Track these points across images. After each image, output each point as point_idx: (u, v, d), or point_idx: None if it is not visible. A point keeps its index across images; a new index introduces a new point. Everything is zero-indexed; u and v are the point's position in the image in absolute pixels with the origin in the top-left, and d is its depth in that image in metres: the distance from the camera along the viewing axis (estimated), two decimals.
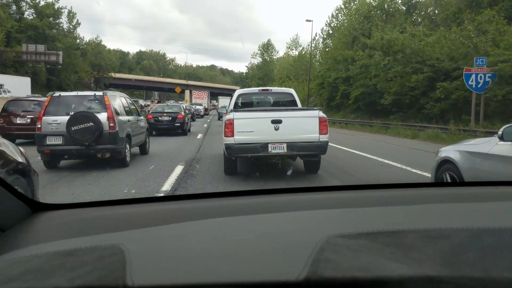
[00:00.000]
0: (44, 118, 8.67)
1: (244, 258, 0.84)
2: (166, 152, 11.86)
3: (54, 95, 9.14)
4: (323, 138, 7.33)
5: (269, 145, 7.22)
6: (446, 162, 4.88)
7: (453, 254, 0.81)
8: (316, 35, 72.70)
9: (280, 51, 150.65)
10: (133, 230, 1.07)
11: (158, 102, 59.60)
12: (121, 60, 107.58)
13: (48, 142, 8.55)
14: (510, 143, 3.97)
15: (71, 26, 65.91)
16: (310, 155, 7.64)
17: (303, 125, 7.45)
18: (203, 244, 0.94)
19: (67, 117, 8.47)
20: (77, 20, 66.26)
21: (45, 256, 0.91)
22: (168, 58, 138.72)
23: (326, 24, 50.50)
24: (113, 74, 78.64)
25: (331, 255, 0.80)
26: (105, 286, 0.70)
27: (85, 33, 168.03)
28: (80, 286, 0.70)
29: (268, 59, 77.65)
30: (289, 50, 68.72)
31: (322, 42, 51.98)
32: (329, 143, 7.58)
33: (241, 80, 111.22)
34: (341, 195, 1.53)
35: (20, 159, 3.65)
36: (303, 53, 62.31)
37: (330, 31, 49.52)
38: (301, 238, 0.93)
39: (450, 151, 4.91)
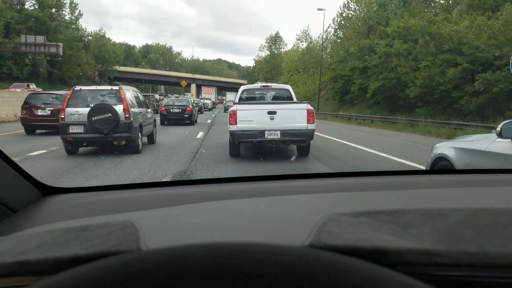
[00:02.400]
0: (67, 109, 9.29)
1: (249, 229, 0.88)
2: (151, 159, 8.85)
3: (75, 89, 9.78)
4: (310, 126, 8.50)
5: (266, 132, 8.42)
6: (441, 159, 4.59)
7: (450, 231, 0.83)
8: (328, 26, 69.14)
9: (289, 44, 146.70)
10: (142, 211, 1.08)
11: (160, 95, 58.57)
12: (126, 54, 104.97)
13: (70, 131, 9.19)
14: (510, 140, 3.55)
15: (73, 17, 63.12)
16: (300, 140, 8.83)
17: (293, 115, 8.58)
18: (211, 220, 0.98)
19: (87, 109, 9.11)
20: (79, 11, 63.47)
21: (58, 231, 0.93)
22: (174, 52, 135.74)
23: (337, 15, 47.11)
24: (118, 68, 75.94)
25: (333, 229, 0.82)
26: (120, 251, 0.70)
27: (91, 26, 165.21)
28: (97, 252, 0.71)
29: (276, 52, 74.29)
30: (299, 42, 65.35)
31: (334, 34, 48.60)
32: (371, 151, 8.15)
33: (248, 74, 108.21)
34: (343, 181, 1.56)
35: None
36: (311, 45, 58.98)
37: (342, 22, 46.25)
38: (304, 215, 0.97)
39: (445, 148, 4.66)
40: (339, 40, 46.41)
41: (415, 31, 25.84)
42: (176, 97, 30.13)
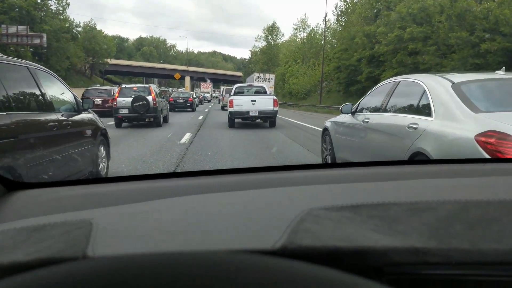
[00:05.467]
0: (118, 99, 14.27)
1: (217, 230, 0.78)
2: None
3: (122, 86, 15.33)
4: (275, 108, 14.14)
5: (250, 112, 13.89)
6: (325, 130, 6.41)
7: (440, 226, 0.77)
8: (326, 15, 65.31)
9: (286, 34, 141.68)
10: (107, 207, 1.02)
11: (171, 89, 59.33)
12: (120, 47, 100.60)
13: (120, 112, 14.14)
14: (349, 115, 5.46)
15: (59, 7, 58.59)
16: (269, 116, 14.34)
17: (265, 102, 14.10)
18: (174, 217, 0.89)
19: (130, 98, 13.98)
20: (67, 0, 58.92)
21: (10, 232, 0.86)
22: (168, 44, 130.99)
23: None
24: (109, 61, 71.70)
25: (312, 226, 0.75)
26: (64, 258, 0.66)
27: (84, 18, 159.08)
28: (37, 259, 0.67)
29: (273, 43, 70.22)
30: (296, 31, 61.23)
31: (336, 20, 44.65)
32: None
33: (243, 66, 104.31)
34: (326, 172, 1.47)
35: (103, 126, 5.62)
36: (312, 33, 55.04)
37: (344, 8, 42.37)
38: (282, 210, 0.88)
39: (328, 122, 6.41)
40: (339, 28, 42.62)
41: (434, 12, 22.16)
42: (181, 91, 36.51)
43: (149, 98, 13.88)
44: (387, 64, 25.44)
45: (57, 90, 4.72)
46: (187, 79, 79.81)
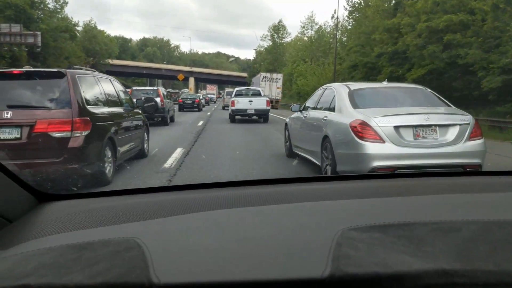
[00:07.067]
0: None
1: (267, 254, 0.82)
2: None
3: (133, 89, 17.89)
4: (267, 107, 18.26)
5: (247, 110, 17.83)
6: (286, 125, 8.32)
7: (465, 247, 0.79)
8: (335, 12, 61.49)
9: (292, 34, 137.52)
10: (145, 221, 1.02)
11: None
12: (123, 47, 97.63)
13: None
14: (298, 112, 7.49)
15: (57, 6, 55.44)
16: (263, 114, 18.37)
17: (260, 102, 18.14)
18: (218, 237, 0.91)
19: (140, 100, 14.49)
20: None
21: (58, 249, 0.84)
22: (172, 45, 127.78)
23: None
24: (110, 61, 68.48)
25: (349, 251, 0.79)
26: (130, 284, 0.67)
27: (86, 18, 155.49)
28: (103, 283, 0.67)
29: (278, 42, 66.62)
30: (304, 29, 57.65)
31: (348, 16, 41.01)
32: None
33: (248, 66, 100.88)
34: (349, 185, 1.50)
35: (146, 119, 8.35)
36: (320, 31, 51.46)
37: (357, 3, 38.78)
38: (317, 231, 0.93)
39: (288, 119, 8.23)
40: (351, 25, 39.05)
41: None
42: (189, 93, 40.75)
43: (158, 99, 14.78)
44: (416, 61, 21.75)
45: (122, 92, 7.47)
46: (191, 80, 76.69)
